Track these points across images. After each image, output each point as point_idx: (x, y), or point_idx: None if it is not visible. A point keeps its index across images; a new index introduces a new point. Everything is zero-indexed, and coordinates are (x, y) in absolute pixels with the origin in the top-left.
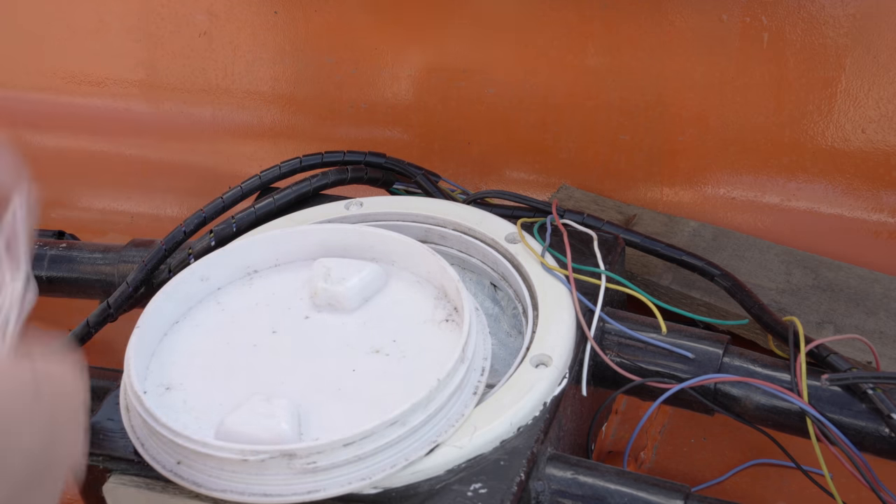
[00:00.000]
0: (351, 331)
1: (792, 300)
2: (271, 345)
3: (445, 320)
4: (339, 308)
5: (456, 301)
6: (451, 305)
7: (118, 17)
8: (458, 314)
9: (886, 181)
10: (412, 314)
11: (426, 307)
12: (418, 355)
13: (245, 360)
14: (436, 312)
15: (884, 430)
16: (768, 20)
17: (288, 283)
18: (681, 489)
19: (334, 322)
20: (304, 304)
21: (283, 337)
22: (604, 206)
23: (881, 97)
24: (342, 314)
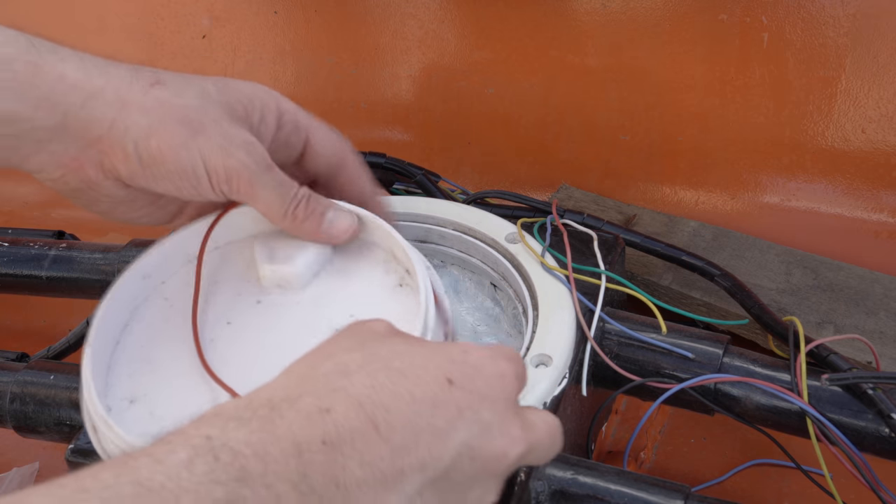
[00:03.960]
0: (307, 310)
1: (792, 300)
2: (229, 337)
3: (399, 285)
4: (290, 287)
5: (406, 263)
6: (402, 268)
7: (118, 17)
8: (410, 276)
9: (886, 181)
10: (364, 283)
11: (377, 274)
12: None
13: (206, 358)
14: (387, 278)
15: (884, 430)
16: (768, 20)
17: (230, 267)
18: (681, 489)
19: (287, 302)
20: (252, 287)
21: (239, 327)
22: (604, 206)
23: (881, 97)
24: (293, 293)
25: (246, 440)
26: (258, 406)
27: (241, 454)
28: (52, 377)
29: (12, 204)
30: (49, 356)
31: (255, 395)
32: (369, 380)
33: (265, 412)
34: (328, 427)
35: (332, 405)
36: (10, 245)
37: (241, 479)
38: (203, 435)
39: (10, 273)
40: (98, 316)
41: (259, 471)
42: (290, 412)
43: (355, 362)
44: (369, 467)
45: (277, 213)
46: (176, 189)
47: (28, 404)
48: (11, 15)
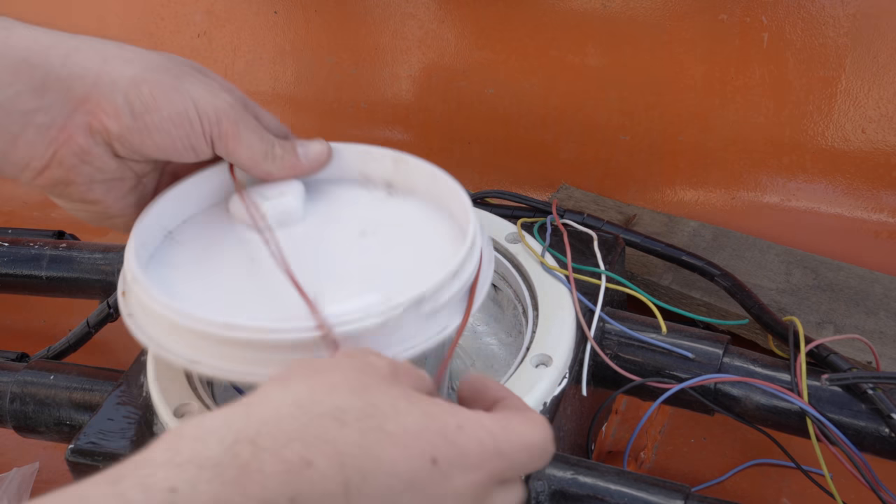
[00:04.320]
0: (322, 234)
1: (792, 300)
2: (262, 267)
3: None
4: (290, 222)
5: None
6: (384, 182)
7: (118, 17)
8: (393, 187)
9: (886, 181)
10: (353, 202)
11: (360, 191)
12: (399, 226)
13: (248, 285)
14: (375, 192)
15: (884, 430)
16: (768, 20)
17: (215, 227)
18: (681, 489)
19: (297, 233)
20: (253, 233)
21: (265, 260)
22: (604, 206)
23: (881, 97)
24: (295, 226)
25: (215, 497)
26: (241, 443)
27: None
28: (52, 377)
29: (12, 204)
30: (49, 356)
31: (245, 418)
32: (360, 439)
33: (245, 457)
34: (302, 485)
35: (316, 459)
36: (9, 245)
37: None
38: (168, 488)
39: (9, 273)
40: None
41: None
42: (271, 461)
43: (353, 412)
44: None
45: (259, 154)
46: (168, 140)
47: (28, 404)
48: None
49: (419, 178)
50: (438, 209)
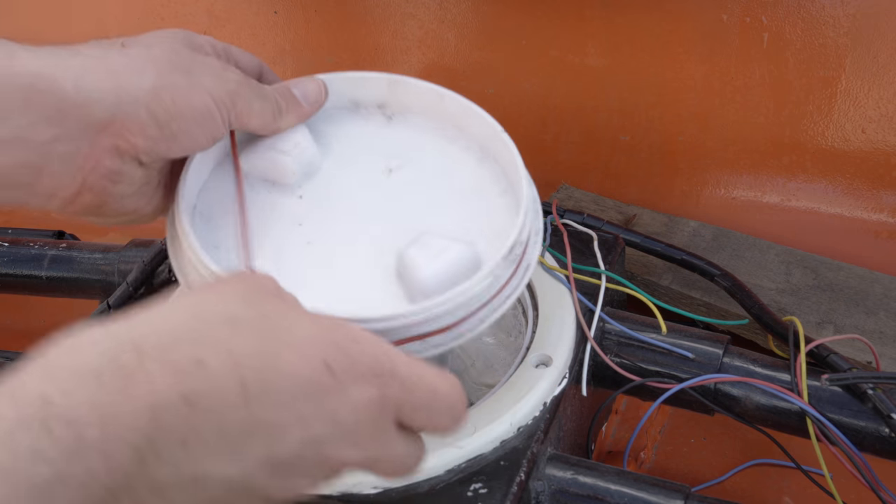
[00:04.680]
0: (349, 181)
1: (792, 300)
2: (315, 227)
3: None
4: (314, 170)
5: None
6: (376, 105)
7: (118, 18)
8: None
9: (886, 181)
10: (355, 133)
11: (356, 120)
12: (418, 156)
13: (303, 245)
14: (371, 119)
15: (884, 430)
16: (768, 20)
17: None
18: (681, 489)
19: (325, 185)
20: (276, 192)
21: (313, 221)
22: (604, 206)
23: (881, 97)
24: (318, 175)
25: (92, 403)
26: (123, 350)
27: (81, 422)
28: None
29: (12, 204)
30: None
31: (128, 329)
32: (254, 340)
33: (129, 362)
34: (196, 383)
35: (207, 358)
36: (9, 245)
37: (74, 452)
38: (39, 396)
39: (9, 273)
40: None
41: (97, 438)
42: (158, 365)
43: (246, 319)
44: (222, 431)
45: (270, 117)
46: (194, 140)
47: None
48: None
49: (417, 97)
50: (448, 129)
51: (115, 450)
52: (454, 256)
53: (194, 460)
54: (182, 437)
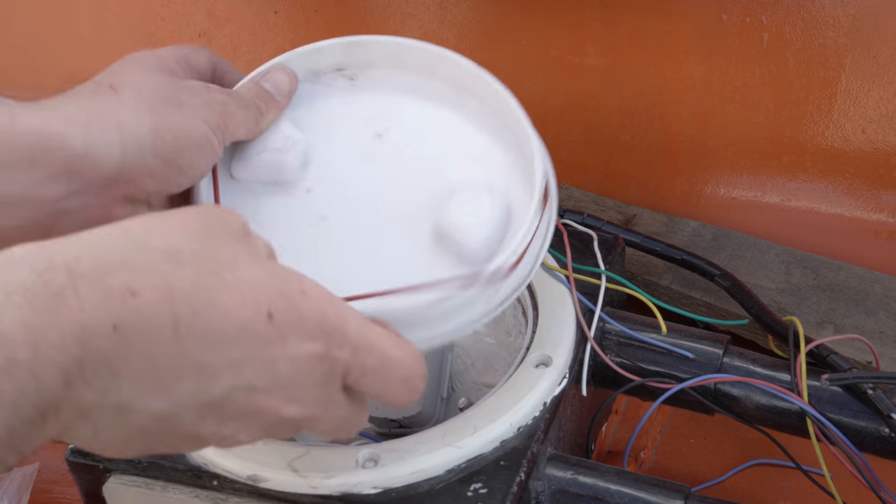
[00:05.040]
0: (343, 159)
1: (792, 300)
2: (337, 216)
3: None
4: (307, 158)
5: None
6: (334, 69)
7: (118, 17)
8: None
9: (886, 181)
10: (322, 103)
11: (319, 88)
12: (401, 118)
13: (333, 238)
14: (335, 84)
15: (884, 430)
16: (768, 20)
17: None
18: (681, 489)
19: (324, 168)
20: (282, 192)
21: (334, 211)
22: (604, 206)
23: (881, 97)
24: (311, 162)
25: (23, 323)
26: (56, 270)
27: (13, 342)
28: None
29: None
30: None
31: (63, 248)
32: (193, 277)
33: (59, 283)
34: (126, 312)
35: (141, 289)
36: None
37: (5, 371)
38: None
39: None
40: None
41: (28, 359)
42: (89, 289)
43: (190, 253)
44: (150, 364)
45: (253, 123)
46: (196, 170)
47: None
48: (11, 16)
49: (376, 54)
50: (419, 79)
51: (45, 371)
52: (493, 211)
53: (120, 389)
54: (110, 364)
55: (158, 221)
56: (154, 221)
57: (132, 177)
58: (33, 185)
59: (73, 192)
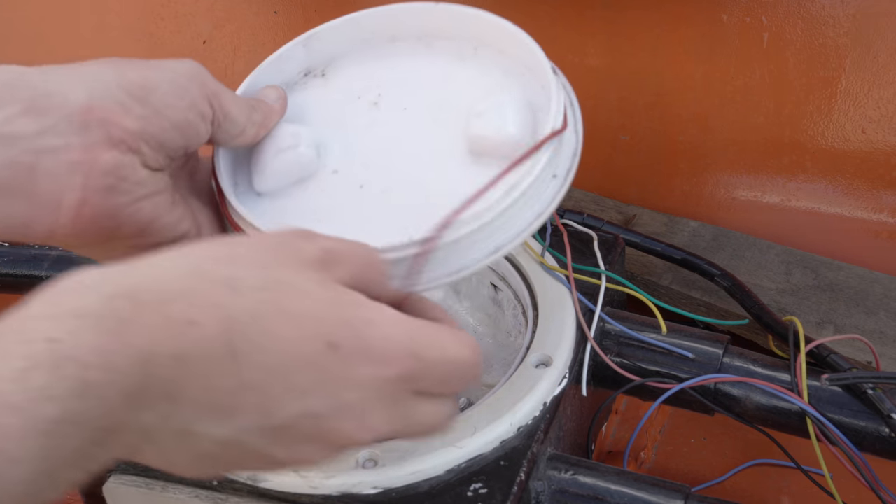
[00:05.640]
0: (349, 134)
1: (792, 300)
2: (375, 178)
3: None
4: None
5: None
6: (304, 72)
7: (118, 17)
8: None
9: (886, 181)
10: (312, 101)
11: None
12: (387, 78)
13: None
14: (312, 81)
15: (884, 430)
16: (768, 20)
17: None
18: (681, 489)
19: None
20: (314, 184)
21: (370, 175)
22: (604, 206)
23: (881, 97)
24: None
25: (95, 347)
26: (121, 299)
27: (86, 364)
28: None
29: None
30: None
31: (126, 274)
32: (252, 307)
33: (125, 311)
34: (186, 343)
35: (201, 319)
36: (10, 245)
37: (79, 394)
38: (47, 338)
39: (10, 273)
40: None
41: (98, 382)
42: (152, 317)
43: (251, 283)
44: (208, 393)
45: (246, 107)
46: (180, 114)
47: None
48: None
49: (335, 39)
50: (384, 45)
51: (112, 394)
52: (517, 107)
53: (182, 416)
54: (170, 392)
55: (224, 249)
56: (220, 249)
57: (106, 115)
58: (4, 122)
59: (47, 128)
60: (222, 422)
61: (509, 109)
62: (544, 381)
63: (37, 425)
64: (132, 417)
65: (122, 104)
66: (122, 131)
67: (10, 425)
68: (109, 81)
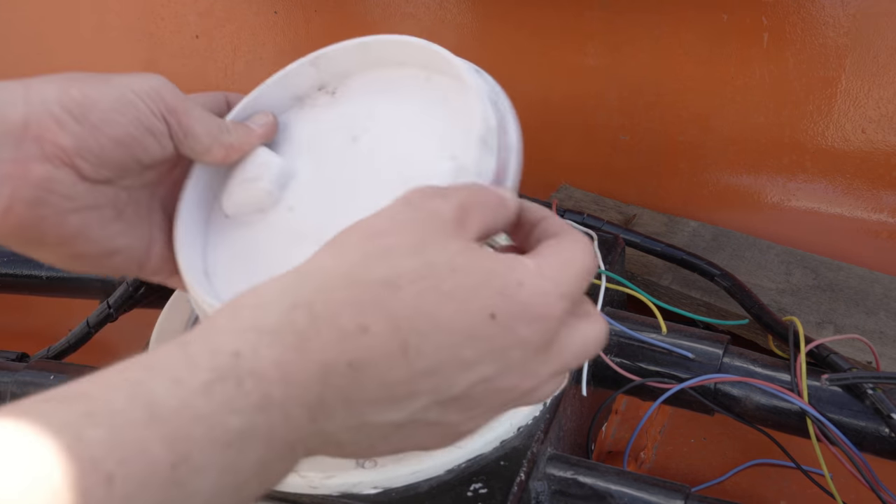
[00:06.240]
0: (322, 167)
1: (792, 300)
2: (312, 216)
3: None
4: (287, 179)
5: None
6: (315, 88)
7: (118, 17)
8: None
9: (886, 181)
10: (308, 124)
11: (304, 112)
12: (370, 113)
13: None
14: (318, 100)
15: (884, 430)
16: (768, 20)
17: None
18: (681, 489)
19: (307, 179)
20: (271, 216)
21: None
22: (604, 206)
23: (881, 97)
24: (293, 179)
25: (276, 361)
26: (298, 310)
27: (267, 379)
28: (52, 377)
29: None
30: (49, 356)
31: (300, 288)
32: (415, 300)
33: (303, 324)
34: (359, 350)
35: (370, 323)
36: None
37: (261, 407)
38: (231, 352)
39: (9, 273)
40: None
41: (280, 396)
42: (328, 329)
43: (409, 275)
44: (383, 389)
45: (214, 127)
46: (122, 129)
47: None
48: (12, 15)
49: (346, 61)
50: (392, 72)
51: (293, 408)
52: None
53: (359, 413)
54: (347, 397)
55: (376, 244)
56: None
57: (41, 131)
58: None
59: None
60: (398, 408)
61: (439, 167)
62: None
63: (221, 437)
64: (314, 427)
65: (59, 121)
66: (56, 147)
67: (195, 436)
68: (50, 98)
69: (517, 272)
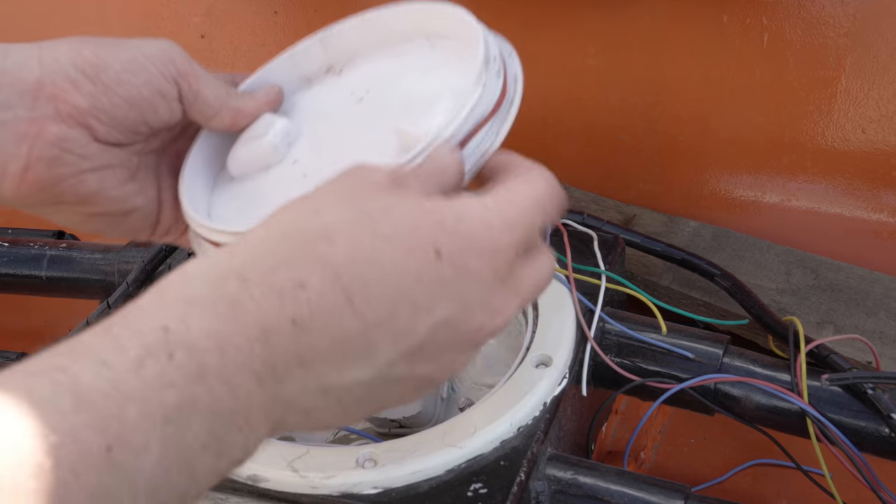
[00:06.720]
0: (327, 125)
1: (792, 300)
2: (307, 160)
3: None
4: (293, 138)
5: None
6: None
7: (118, 17)
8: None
9: (886, 181)
10: (315, 99)
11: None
12: (380, 76)
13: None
14: (326, 78)
15: (884, 430)
16: (768, 20)
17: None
18: (681, 489)
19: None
20: (275, 170)
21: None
22: (604, 206)
23: (881, 97)
24: (298, 139)
25: (208, 330)
26: (228, 279)
27: (200, 349)
28: None
29: None
30: None
31: (229, 257)
32: (352, 248)
33: (234, 290)
34: (300, 306)
35: (308, 278)
36: (9, 245)
37: (197, 377)
38: (160, 327)
39: (9, 273)
40: None
41: (217, 364)
42: (262, 290)
43: (342, 225)
44: (338, 343)
45: (223, 91)
46: (134, 90)
47: None
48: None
49: (352, 37)
50: (396, 42)
51: (234, 375)
52: (447, 110)
53: (318, 374)
54: (298, 356)
55: (307, 204)
56: (302, 206)
57: (55, 91)
58: None
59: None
60: (361, 364)
61: (438, 115)
62: (544, 381)
63: (157, 412)
64: (266, 391)
65: (73, 81)
66: (70, 107)
67: (129, 415)
68: (63, 59)
69: (456, 207)
